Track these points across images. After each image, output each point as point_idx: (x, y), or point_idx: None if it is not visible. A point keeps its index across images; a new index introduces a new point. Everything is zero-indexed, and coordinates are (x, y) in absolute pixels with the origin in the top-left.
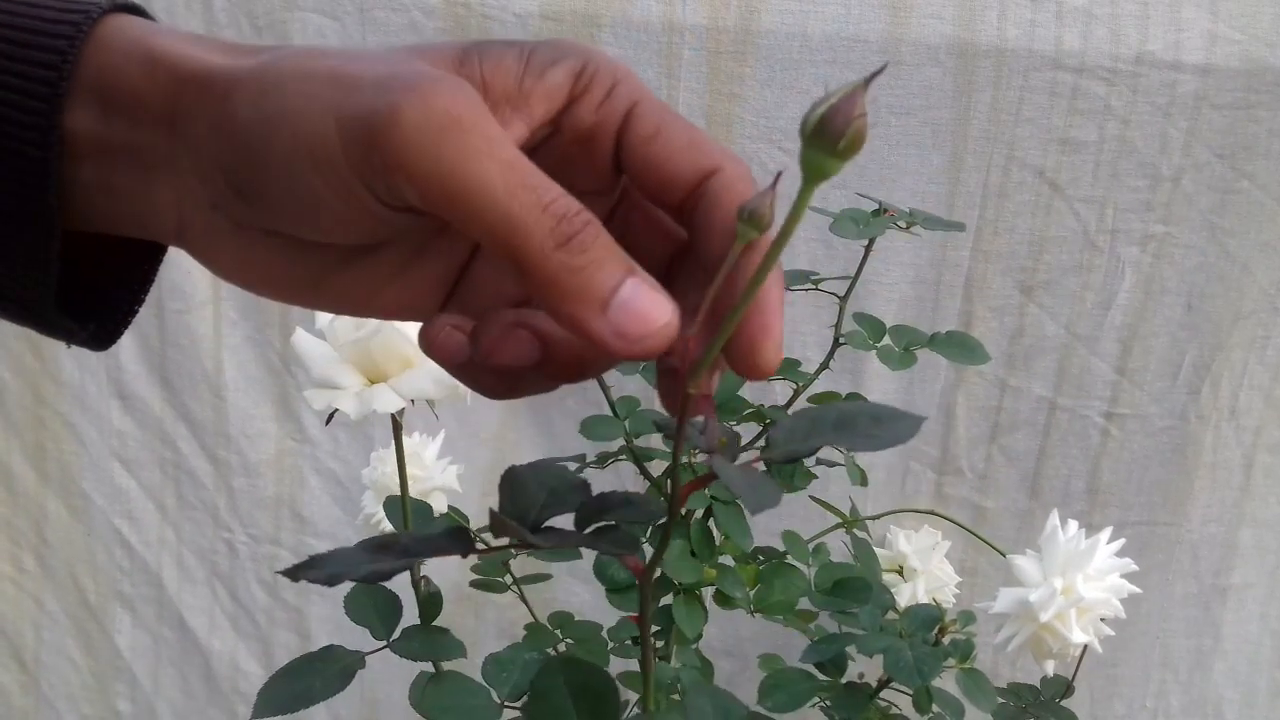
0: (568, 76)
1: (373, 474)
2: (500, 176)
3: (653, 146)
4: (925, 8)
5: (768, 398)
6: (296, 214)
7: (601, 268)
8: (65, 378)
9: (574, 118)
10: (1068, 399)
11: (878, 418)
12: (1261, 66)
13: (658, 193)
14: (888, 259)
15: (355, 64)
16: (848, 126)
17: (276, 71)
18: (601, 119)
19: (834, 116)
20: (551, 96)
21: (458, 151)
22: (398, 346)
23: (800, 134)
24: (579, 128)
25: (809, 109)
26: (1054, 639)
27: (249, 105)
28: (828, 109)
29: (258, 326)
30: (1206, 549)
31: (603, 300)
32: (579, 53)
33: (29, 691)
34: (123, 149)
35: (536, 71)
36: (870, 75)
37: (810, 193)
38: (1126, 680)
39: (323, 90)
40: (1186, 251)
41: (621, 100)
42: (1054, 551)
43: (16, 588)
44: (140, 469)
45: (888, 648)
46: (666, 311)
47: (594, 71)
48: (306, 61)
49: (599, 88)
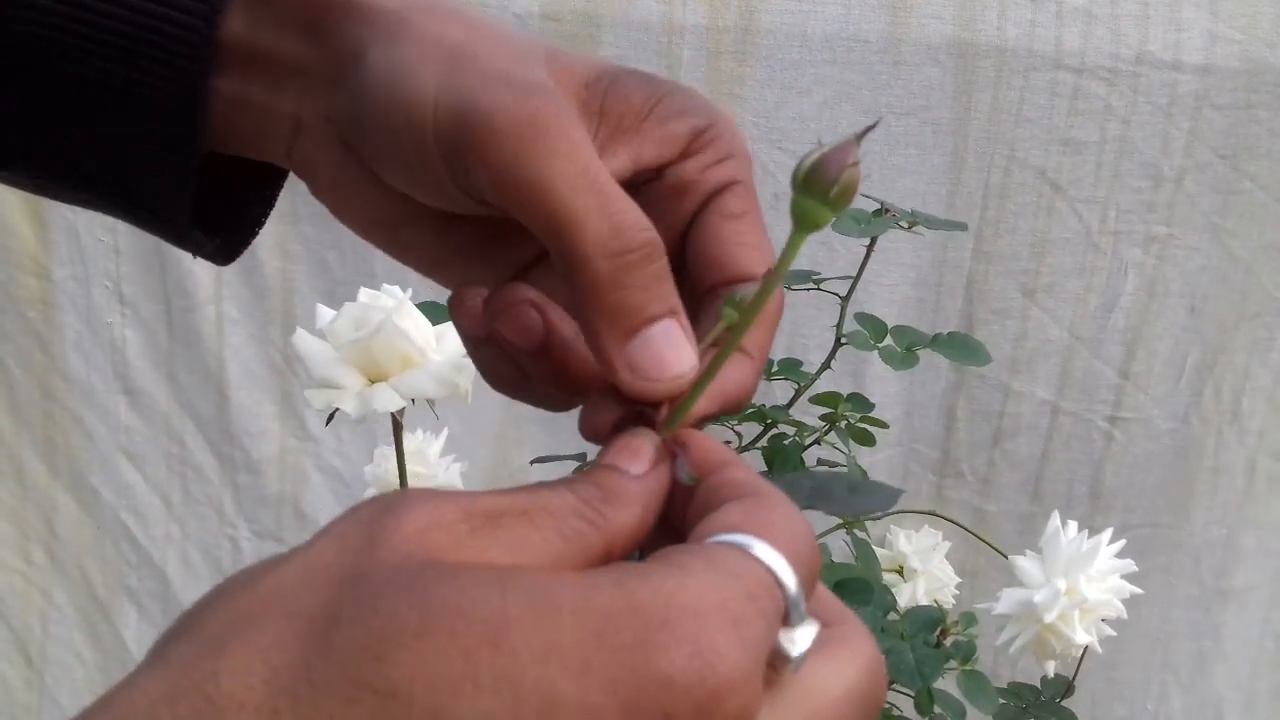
0: (688, 131)
1: (376, 471)
2: (570, 173)
3: (729, 227)
4: (925, 8)
5: (769, 398)
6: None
7: (645, 294)
8: (73, 373)
9: (681, 170)
10: (1070, 403)
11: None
12: (1261, 66)
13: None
14: (889, 260)
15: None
16: (839, 175)
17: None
18: (702, 180)
19: (825, 165)
20: (666, 145)
21: (535, 149)
22: (398, 346)
23: (791, 182)
24: (681, 181)
25: (802, 157)
26: (1057, 640)
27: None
28: (819, 158)
29: (260, 325)
30: (1208, 552)
31: (632, 328)
32: (708, 113)
33: (33, 686)
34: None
35: (661, 117)
36: (864, 130)
37: (800, 241)
38: (1128, 682)
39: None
40: (1189, 253)
41: (726, 171)
42: (1056, 552)
43: (25, 581)
44: (147, 464)
45: (889, 649)
46: (686, 365)
47: (715, 136)
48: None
49: (714, 151)
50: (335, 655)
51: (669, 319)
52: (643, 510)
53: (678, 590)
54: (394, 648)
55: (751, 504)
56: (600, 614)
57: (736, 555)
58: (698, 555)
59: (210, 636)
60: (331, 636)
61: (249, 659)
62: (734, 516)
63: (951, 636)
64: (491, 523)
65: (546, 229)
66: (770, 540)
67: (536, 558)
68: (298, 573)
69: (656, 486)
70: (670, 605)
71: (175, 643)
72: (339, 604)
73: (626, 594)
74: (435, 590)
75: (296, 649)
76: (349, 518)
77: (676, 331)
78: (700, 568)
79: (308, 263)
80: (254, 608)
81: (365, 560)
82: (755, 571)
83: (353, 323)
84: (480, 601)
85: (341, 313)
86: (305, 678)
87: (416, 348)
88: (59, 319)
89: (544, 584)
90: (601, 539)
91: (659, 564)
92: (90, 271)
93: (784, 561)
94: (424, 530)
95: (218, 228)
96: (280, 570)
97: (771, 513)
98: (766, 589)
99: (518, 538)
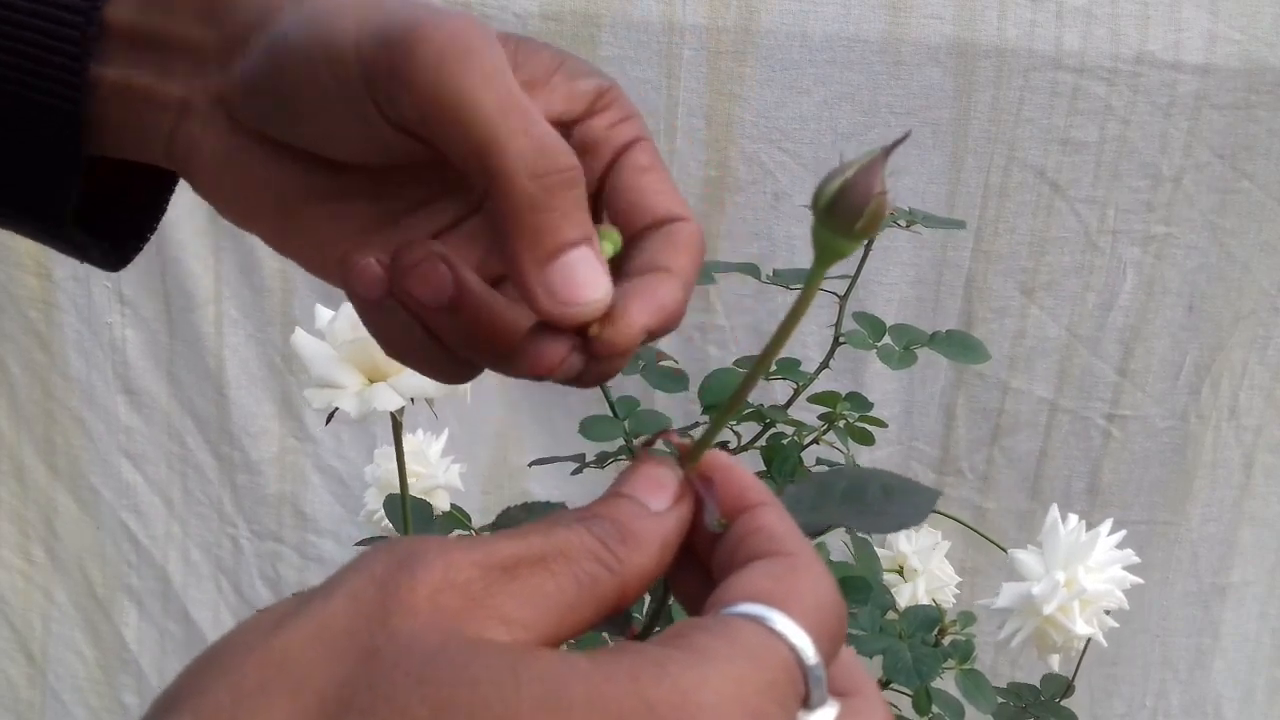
0: (592, 90)
1: (376, 471)
2: (496, 96)
3: (641, 178)
4: (925, 8)
5: (767, 397)
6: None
7: (565, 218)
8: (73, 373)
9: (588, 128)
10: (1069, 400)
11: (889, 489)
12: (1261, 66)
13: (624, 214)
14: (888, 259)
15: None
16: (866, 204)
17: None
18: (609, 137)
19: (851, 193)
20: (574, 100)
21: (461, 69)
22: None
23: (812, 207)
24: (587, 138)
25: (823, 180)
26: (1058, 632)
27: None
28: (844, 183)
29: (259, 325)
30: (1206, 548)
31: (551, 251)
32: (607, 78)
33: (35, 684)
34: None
35: (567, 74)
36: (892, 144)
37: (821, 273)
38: (1126, 679)
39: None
40: (1188, 252)
41: (629, 129)
42: (1055, 545)
43: (26, 580)
44: (147, 464)
45: (887, 648)
46: (602, 291)
47: (615, 98)
48: None
49: (615, 111)
50: None
51: (586, 245)
52: (660, 551)
53: (694, 687)
54: None
55: (780, 567)
56: (615, 711)
57: (759, 633)
58: (718, 636)
59: (219, 711)
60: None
61: None
62: (761, 583)
63: (949, 635)
64: (507, 574)
65: (472, 149)
66: (797, 614)
67: (550, 608)
68: (311, 637)
69: (676, 525)
70: (686, 704)
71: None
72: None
73: (640, 690)
74: (447, 679)
75: None
76: (363, 572)
77: (593, 258)
78: (719, 653)
79: None
80: (264, 677)
81: (379, 632)
82: (778, 653)
83: (351, 323)
84: (493, 695)
85: (340, 313)
86: None
87: None
88: (59, 318)
89: (558, 674)
90: (617, 582)
91: (676, 651)
92: (90, 271)
93: (808, 639)
94: (439, 590)
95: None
96: (293, 631)
97: (799, 579)
98: (788, 672)
99: (533, 589)
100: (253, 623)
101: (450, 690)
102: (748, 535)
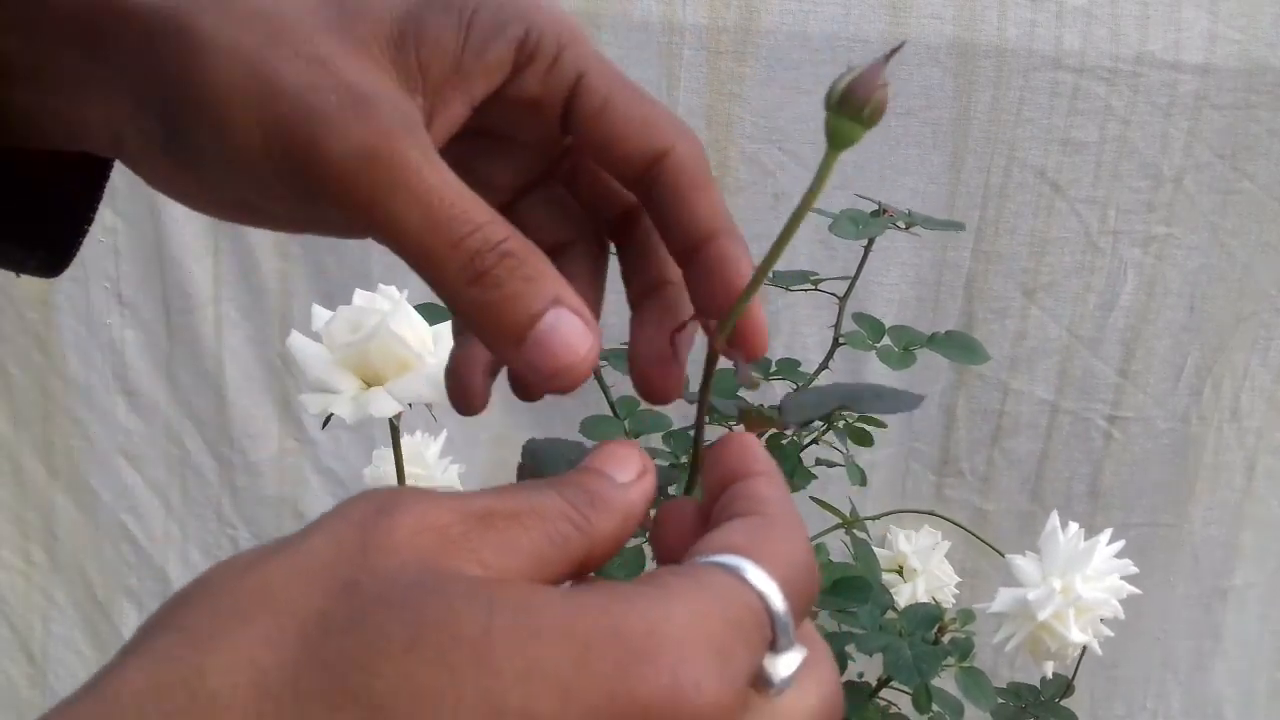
0: (509, 49)
1: (375, 472)
2: (416, 212)
3: (599, 121)
4: (925, 8)
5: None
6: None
7: (516, 301)
8: (72, 374)
9: (519, 88)
10: (1070, 401)
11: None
12: (1261, 66)
13: (608, 165)
14: (888, 260)
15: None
16: (871, 95)
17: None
18: (547, 89)
19: (858, 87)
20: (492, 73)
21: (373, 187)
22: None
23: (825, 104)
24: (523, 97)
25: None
26: (1052, 639)
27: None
28: (853, 79)
29: (258, 327)
30: (1208, 550)
31: (517, 335)
32: (521, 16)
33: (36, 684)
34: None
35: (476, 48)
36: (891, 51)
37: (834, 159)
38: (1127, 680)
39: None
40: (1188, 253)
41: (568, 70)
42: (1053, 552)
43: (26, 581)
44: (146, 465)
45: (887, 646)
46: (584, 344)
47: (537, 39)
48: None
49: (543, 57)
50: (323, 663)
51: (553, 310)
52: (624, 519)
53: (662, 619)
54: (382, 661)
55: (756, 524)
56: (584, 638)
57: (728, 579)
58: (687, 578)
59: (198, 629)
60: (321, 644)
61: (236, 658)
62: (735, 537)
63: (949, 634)
64: (483, 524)
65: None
66: (767, 564)
67: (524, 559)
68: (291, 570)
69: (640, 497)
70: (653, 634)
71: (163, 631)
72: (331, 611)
73: (611, 619)
74: (424, 605)
75: (285, 653)
76: (344, 515)
77: (564, 317)
78: (687, 592)
79: (306, 264)
80: (244, 602)
81: (359, 565)
82: (745, 597)
83: (348, 325)
84: (468, 619)
85: (336, 315)
86: (292, 683)
87: (412, 351)
88: (58, 320)
89: (531, 603)
90: (586, 543)
91: (647, 587)
92: (89, 272)
93: (776, 587)
94: (417, 533)
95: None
96: (273, 564)
97: (772, 535)
98: (754, 615)
99: (507, 540)
100: (231, 560)
101: (427, 614)
102: (737, 498)
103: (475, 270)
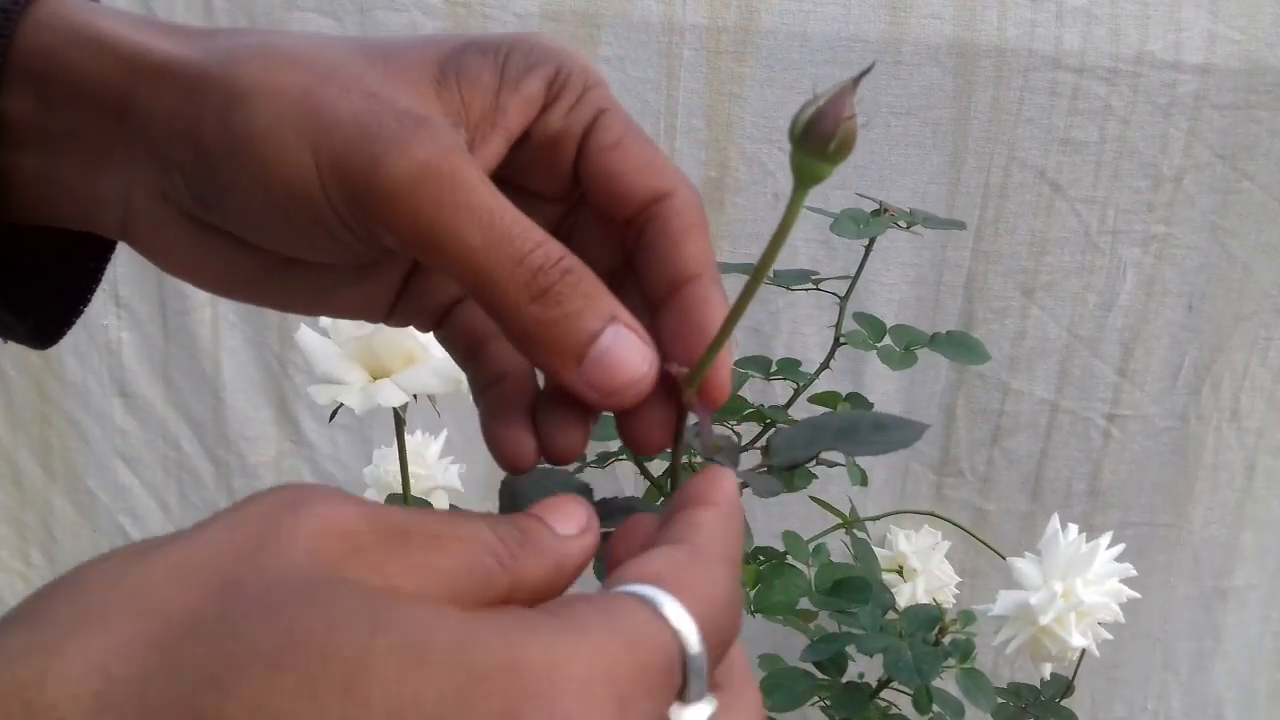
0: (542, 85)
1: (375, 471)
2: (478, 230)
3: (611, 157)
4: (925, 8)
5: (768, 398)
6: (260, 228)
7: (577, 320)
8: (69, 376)
9: (543, 123)
10: (1069, 401)
11: (880, 425)
12: (1261, 66)
13: (609, 206)
14: (888, 259)
15: (328, 86)
16: (837, 128)
17: (243, 78)
18: (568, 125)
19: (822, 119)
20: (527, 108)
21: (436, 206)
22: (401, 342)
23: (789, 137)
24: (546, 133)
25: (797, 111)
26: (1053, 642)
27: (215, 115)
28: (815, 111)
29: (256, 329)
30: (1208, 551)
31: (577, 354)
32: (552, 56)
33: None
34: (65, 136)
35: (512, 83)
36: (859, 74)
37: (802, 197)
38: (1127, 681)
39: (297, 116)
40: (1188, 252)
41: (589, 107)
42: (1054, 555)
43: (25, 582)
44: (143, 467)
45: (887, 647)
46: (644, 362)
47: (566, 76)
48: (275, 71)
49: (570, 93)
50: (176, 675)
51: (610, 327)
52: (556, 569)
53: (564, 657)
54: (241, 678)
55: (683, 554)
56: (473, 670)
57: (643, 613)
58: (599, 610)
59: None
60: (179, 651)
61: (85, 665)
62: (658, 565)
63: (950, 634)
64: (399, 538)
65: (466, 287)
66: (687, 602)
67: (435, 584)
68: (176, 563)
69: (578, 552)
70: (553, 673)
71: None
72: (203, 611)
73: (509, 649)
74: (302, 616)
75: (140, 660)
76: (245, 510)
77: (623, 335)
78: (597, 627)
79: None
80: (111, 600)
81: (245, 566)
82: (658, 638)
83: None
84: (347, 637)
85: None
86: (139, 697)
87: (419, 343)
88: None
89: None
90: (507, 581)
91: (553, 618)
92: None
93: (694, 626)
94: (320, 535)
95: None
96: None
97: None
98: (666, 659)
99: (421, 560)
100: (121, 550)
101: (303, 626)
102: (677, 524)
103: (538, 287)
